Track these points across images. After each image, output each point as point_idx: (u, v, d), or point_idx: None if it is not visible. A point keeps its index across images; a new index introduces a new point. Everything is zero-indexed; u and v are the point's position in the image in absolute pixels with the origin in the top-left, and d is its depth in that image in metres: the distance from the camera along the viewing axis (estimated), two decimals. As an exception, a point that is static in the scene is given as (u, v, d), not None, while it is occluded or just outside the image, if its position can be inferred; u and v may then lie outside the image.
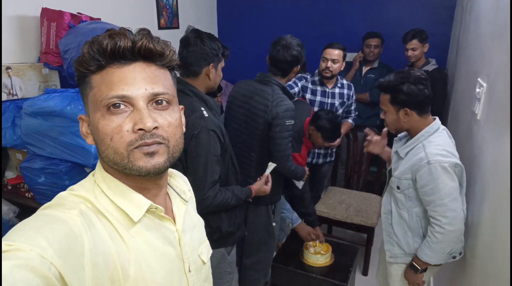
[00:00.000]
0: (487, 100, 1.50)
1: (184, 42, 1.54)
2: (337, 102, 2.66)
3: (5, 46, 1.96)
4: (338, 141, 2.65)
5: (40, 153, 1.77)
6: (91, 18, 2.09)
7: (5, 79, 1.81)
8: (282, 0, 3.93)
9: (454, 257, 1.54)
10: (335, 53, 2.53)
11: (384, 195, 1.73)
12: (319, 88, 2.66)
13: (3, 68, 1.80)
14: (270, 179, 1.84)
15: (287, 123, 1.85)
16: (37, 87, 1.97)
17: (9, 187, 2.01)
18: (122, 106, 0.61)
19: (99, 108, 0.62)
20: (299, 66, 1.98)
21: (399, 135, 1.68)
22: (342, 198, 2.80)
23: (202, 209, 1.36)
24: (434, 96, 1.61)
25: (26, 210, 1.96)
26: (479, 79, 1.62)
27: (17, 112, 1.87)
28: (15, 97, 1.86)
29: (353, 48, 3.64)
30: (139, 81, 0.62)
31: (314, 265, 2.12)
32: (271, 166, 1.86)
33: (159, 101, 0.64)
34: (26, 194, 1.96)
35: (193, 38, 1.52)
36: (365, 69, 3.35)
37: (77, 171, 1.75)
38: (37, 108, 1.73)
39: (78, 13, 2.07)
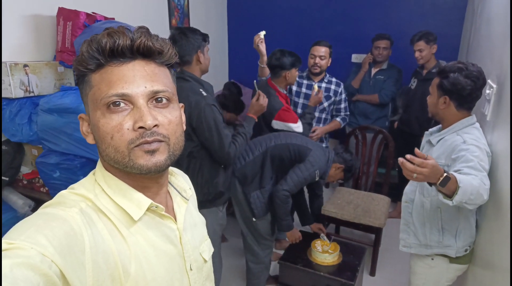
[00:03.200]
0: (497, 101, 1.51)
1: (171, 39, 1.79)
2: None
3: (22, 44, 2.01)
4: (316, 134, 2.73)
5: (55, 148, 1.81)
6: (105, 18, 2.13)
7: (22, 76, 1.86)
8: (292, 1, 3.95)
9: (466, 250, 1.55)
10: (322, 50, 2.66)
11: (408, 184, 1.73)
12: (305, 81, 2.79)
13: (20, 66, 1.85)
14: (262, 94, 2.01)
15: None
16: (53, 84, 2.02)
17: (25, 182, 2.06)
18: (122, 104, 0.61)
19: (99, 107, 0.62)
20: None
21: (430, 129, 1.71)
22: (350, 198, 2.80)
23: (228, 164, 1.86)
24: None
25: (41, 205, 2.00)
26: (489, 81, 1.63)
27: (34, 108, 1.91)
28: (31, 94, 1.91)
29: (363, 49, 3.65)
30: (138, 79, 0.62)
31: (322, 264, 2.14)
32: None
33: (159, 99, 0.64)
34: (41, 189, 2.00)
35: (178, 34, 1.79)
36: (374, 71, 3.35)
37: (91, 167, 1.77)
38: (53, 105, 1.78)
39: (93, 12, 2.12)
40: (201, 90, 1.76)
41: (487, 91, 1.60)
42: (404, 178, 3.48)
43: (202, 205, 1.77)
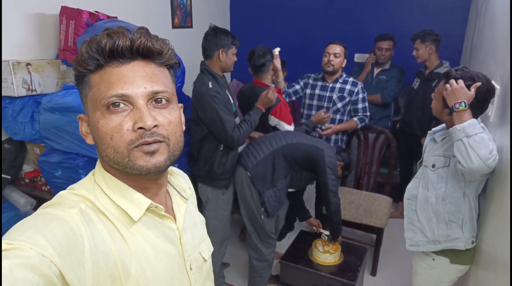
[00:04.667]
0: (501, 102, 1.50)
1: (204, 35, 2.08)
2: (335, 95, 2.70)
3: (25, 43, 2.02)
4: (328, 131, 2.71)
5: (57, 147, 1.82)
6: (108, 17, 2.13)
7: (24, 75, 1.86)
8: (295, 1, 3.94)
9: (473, 242, 1.55)
10: (337, 48, 2.62)
11: (411, 182, 1.73)
12: (319, 83, 2.77)
13: (23, 64, 1.85)
14: (272, 89, 2.20)
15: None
16: (55, 83, 2.03)
17: (27, 180, 2.06)
18: (121, 105, 0.61)
19: (98, 108, 0.62)
20: None
21: (434, 129, 1.70)
22: (352, 198, 2.80)
23: (232, 146, 2.07)
24: None
25: (43, 203, 2.01)
26: (492, 82, 1.62)
27: (36, 107, 1.92)
28: (34, 93, 1.92)
29: (366, 49, 3.64)
30: (138, 80, 0.62)
31: (323, 264, 2.14)
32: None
33: (159, 100, 0.64)
34: (43, 188, 2.01)
35: (210, 31, 2.07)
36: (376, 71, 3.34)
37: (93, 166, 1.75)
38: (55, 104, 1.78)
39: (95, 11, 2.12)
40: (209, 82, 2.01)
41: (491, 92, 1.60)
42: (406, 178, 3.47)
43: (202, 180, 2.18)
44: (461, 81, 1.42)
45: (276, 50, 2.52)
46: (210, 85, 2.00)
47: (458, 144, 1.38)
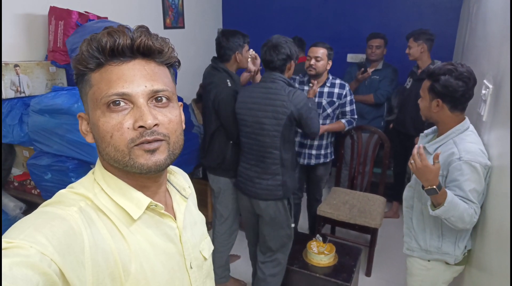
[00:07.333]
0: (493, 101, 1.50)
1: (217, 41, 2.22)
2: (324, 101, 2.61)
3: (13, 44, 1.98)
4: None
5: (47, 150, 1.78)
6: (98, 17, 2.10)
7: (13, 76, 1.83)
8: (288, 1, 3.94)
9: (464, 254, 1.55)
10: (319, 51, 2.52)
11: (405, 189, 1.72)
12: (306, 87, 2.66)
13: (11, 66, 1.82)
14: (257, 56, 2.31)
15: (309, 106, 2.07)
16: (44, 85, 1.99)
17: (16, 184, 2.02)
18: (122, 104, 0.61)
19: (99, 106, 0.62)
20: (292, 62, 2.07)
21: (425, 131, 1.69)
22: (346, 198, 2.79)
23: (237, 142, 2.19)
24: None
25: (32, 207, 1.97)
26: (485, 81, 1.62)
27: (25, 109, 1.88)
28: (22, 95, 1.88)
29: (359, 49, 3.65)
30: (138, 78, 0.62)
31: (318, 265, 2.13)
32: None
33: (159, 98, 0.64)
34: (33, 191, 1.97)
35: (221, 37, 2.19)
36: (369, 71, 3.34)
37: (84, 169, 1.77)
38: (44, 106, 1.74)
39: (85, 12, 2.09)
40: (228, 80, 2.17)
41: (483, 92, 1.60)
42: (400, 178, 3.45)
43: (214, 171, 2.31)
44: (424, 159, 1.36)
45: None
46: (229, 84, 2.16)
47: (439, 217, 1.43)
